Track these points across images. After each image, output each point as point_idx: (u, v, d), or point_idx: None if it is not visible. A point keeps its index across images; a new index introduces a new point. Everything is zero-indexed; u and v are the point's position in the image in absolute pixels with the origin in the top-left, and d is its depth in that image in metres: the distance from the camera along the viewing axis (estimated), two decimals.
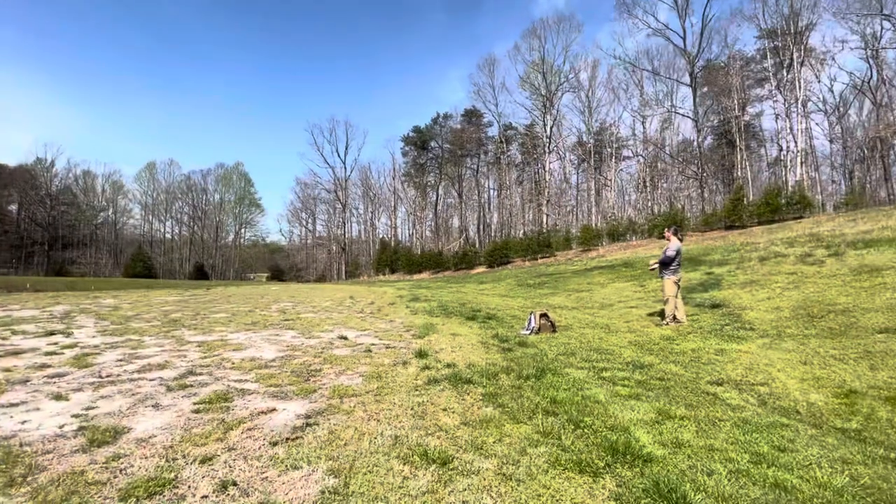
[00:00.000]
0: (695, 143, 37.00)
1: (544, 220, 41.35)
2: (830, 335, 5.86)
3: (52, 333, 6.48)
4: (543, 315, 7.70)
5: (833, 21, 31.52)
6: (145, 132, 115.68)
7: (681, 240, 7.97)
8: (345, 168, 61.16)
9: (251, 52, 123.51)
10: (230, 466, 2.42)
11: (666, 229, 8.22)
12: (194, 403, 3.44)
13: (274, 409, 3.35)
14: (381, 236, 61.76)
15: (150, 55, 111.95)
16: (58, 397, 3.51)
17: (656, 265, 7.98)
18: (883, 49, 30.91)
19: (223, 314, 9.36)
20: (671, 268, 7.66)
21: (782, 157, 33.27)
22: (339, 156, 64.20)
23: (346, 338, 6.59)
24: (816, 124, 37.58)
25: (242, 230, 77.88)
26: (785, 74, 31.46)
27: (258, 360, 4.98)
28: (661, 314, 8.01)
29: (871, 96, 32.62)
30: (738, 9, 35.79)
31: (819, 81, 35.47)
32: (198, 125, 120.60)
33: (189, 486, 2.21)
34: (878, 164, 33.17)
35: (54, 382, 3.95)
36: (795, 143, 30.13)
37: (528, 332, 7.47)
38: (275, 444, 2.72)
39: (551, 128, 42.89)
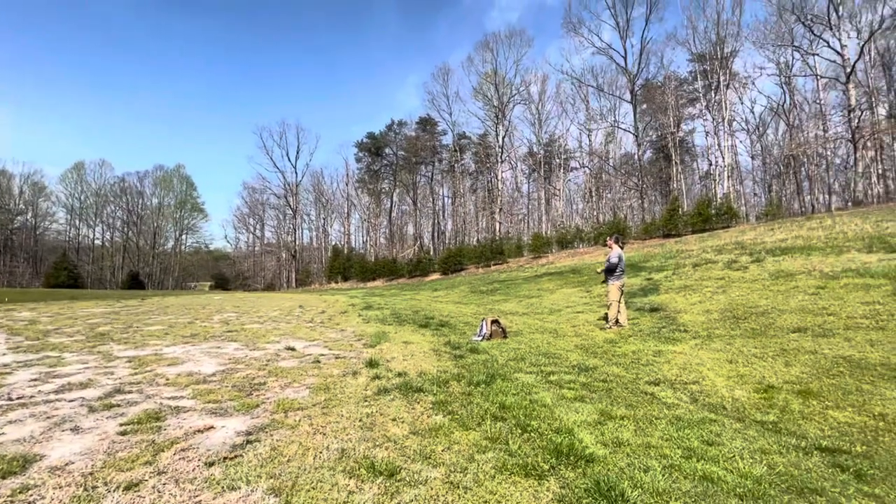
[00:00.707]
0: (636, 157, 39.35)
1: (497, 227, 42.22)
2: (752, 335, 6.40)
3: None
4: (495, 321, 7.83)
5: (753, 49, 34.91)
6: (73, 130, 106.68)
7: (622, 247, 8.41)
8: (296, 173, 59.58)
9: (193, 46, 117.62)
10: (159, 492, 2.25)
11: (608, 238, 8.65)
12: (121, 425, 3.17)
13: (211, 427, 3.16)
14: (333, 243, 60.40)
15: (79, 46, 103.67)
16: None
17: (603, 271, 8.39)
18: (794, 77, 34.50)
19: (159, 326, 8.73)
20: (615, 273, 8.07)
21: (712, 171, 36.15)
22: (289, 160, 62.57)
23: (293, 349, 6.36)
24: (741, 142, 41.29)
25: (183, 236, 73.43)
26: (713, 95, 34.31)
27: (196, 375, 4.69)
28: (606, 318, 8.39)
29: (785, 118, 36.21)
30: (672, 33, 38.95)
31: (742, 103, 39.05)
32: (133, 124, 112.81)
33: None
34: (792, 180, 36.83)
35: None
36: (723, 158, 32.85)
37: (480, 338, 7.56)
38: (211, 464, 2.56)
39: (503, 138, 44.08)
